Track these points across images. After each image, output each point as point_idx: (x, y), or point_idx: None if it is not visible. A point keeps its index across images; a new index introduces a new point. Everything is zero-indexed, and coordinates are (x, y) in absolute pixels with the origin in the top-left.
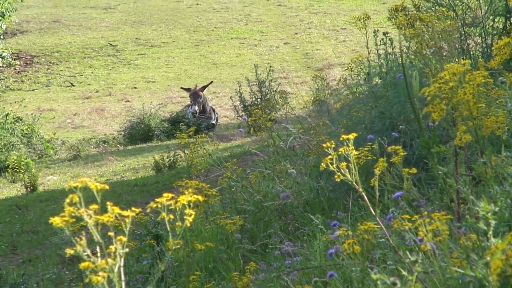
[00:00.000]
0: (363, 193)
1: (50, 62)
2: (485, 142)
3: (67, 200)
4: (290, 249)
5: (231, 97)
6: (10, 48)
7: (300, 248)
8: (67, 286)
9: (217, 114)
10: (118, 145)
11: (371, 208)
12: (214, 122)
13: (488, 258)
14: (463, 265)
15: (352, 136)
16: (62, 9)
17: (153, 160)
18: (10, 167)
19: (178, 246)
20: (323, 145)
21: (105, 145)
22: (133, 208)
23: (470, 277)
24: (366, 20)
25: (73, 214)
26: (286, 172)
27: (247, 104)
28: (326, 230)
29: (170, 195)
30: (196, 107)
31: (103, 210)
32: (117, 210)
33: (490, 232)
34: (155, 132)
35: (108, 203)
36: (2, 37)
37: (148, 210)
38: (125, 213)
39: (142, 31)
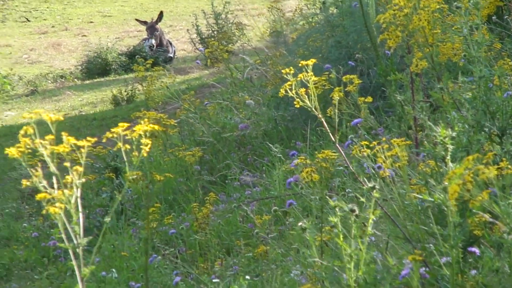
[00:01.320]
0: (323, 119)
1: None
2: (441, 68)
3: (21, 132)
4: (250, 180)
5: (187, 30)
6: None
7: (259, 179)
8: (27, 220)
9: (174, 47)
10: (75, 79)
11: (330, 134)
12: (171, 55)
13: (446, 183)
14: (422, 191)
15: (310, 62)
16: None
17: (111, 94)
18: None
19: (135, 177)
20: (282, 71)
21: (63, 80)
22: (88, 138)
23: (428, 202)
24: None
25: (28, 146)
26: (244, 103)
27: (204, 36)
28: (285, 160)
29: (126, 124)
30: (153, 41)
31: (60, 142)
32: (72, 140)
33: (448, 157)
34: (113, 66)
35: (63, 133)
36: None
37: (104, 141)
38: (80, 143)
39: None
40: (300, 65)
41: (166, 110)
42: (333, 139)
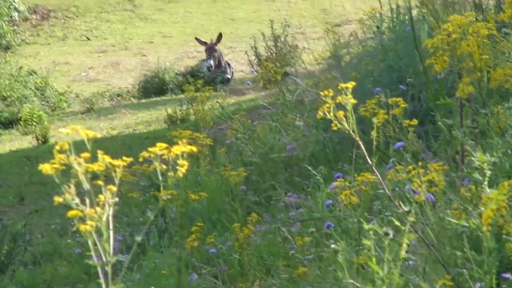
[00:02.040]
0: (360, 142)
1: (67, 17)
2: (490, 94)
3: (57, 147)
4: (294, 201)
5: (246, 52)
6: (27, 2)
7: (304, 200)
8: (71, 237)
9: (232, 68)
10: (132, 98)
11: (367, 157)
12: (229, 76)
13: (482, 209)
14: (461, 216)
15: (350, 85)
16: None
17: (166, 113)
18: (22, 119)
19: (169, 197)
20: (321, 93)
21: (119, 99)
22: (123, 158)
23: (463, 227)
24: None
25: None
26: (293, 124)
27: (262, 59)
28: (331, 182)
29: (164, 145)
30: (212, 62)
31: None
32: (107, 159)
33: (485, 183)
34: (170, 86)
35: (99, 151)
36: None
37: (140, 160)
38: (115, 162)
39: None
40: (339, 87)
41: (216, 130)
42: (369, 162)
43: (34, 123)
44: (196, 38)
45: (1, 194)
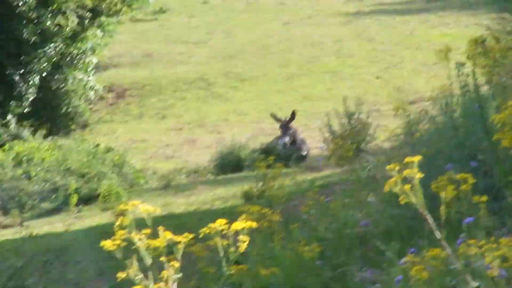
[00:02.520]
0: (428, 216)
1: (142, 95)
2: None
3: (117, 223)
4: (369, 276)
5: (320, 129)
6: (103, 81)
7: (379, 275)
8: None
9: (307, 145)
10: (208, 175)
11: (436, 231)
12: (304, 153)
13: None
14: None
15: (416, 158)
16: (154, 44)
17: (242, 190)
18: (101, 195)
19: (232, 272)
20: (387, 167)
21: (196, 175)
22: (185, 234)
23: None
24: (447, 52)
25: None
26: (366, 200)
27: (336, 136)
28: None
29: (224, 221)
30: (287, 139)
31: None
32: (169, 235)
33: None
34: (246, 163)
35: (159, 228)
36: (94, 71)
37: (201, 236)
38: (177, 238)
39: (233, 65)
40: (404, 161)
41: (290, 206)
42: (437, 236)
43: (113, 199)
44: (271, 114)
45: (81, 269)
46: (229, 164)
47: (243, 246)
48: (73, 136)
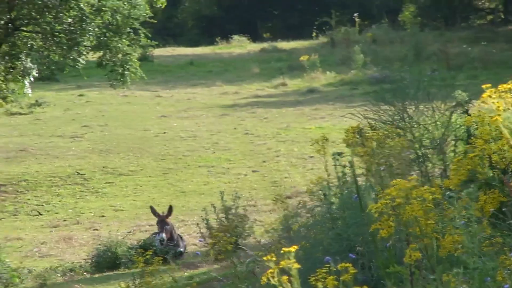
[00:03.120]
0: None
1: (17, 191)
2: (437, 260)
3: None
4: None
5: (197, 224)
6: None
7: None
8: None
9: (185, 242)
10: (85, 273)
11: None
12: (181, 249)
13: None
14: None
15: (292, 249)
16: (29, 138)
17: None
18: None
19: None
20: (264, 258)
21: (72, 274)
22: None
23: None
24: (323, 143)
25: None
26: None
27: (213, 231)
28: None
29: None
30: (164, 235)
31: None
32: None
33: None
34: (122, 260)
35: None
36: None
37: None
38: None
39: (109, 160)
40: (282, 251)
41: None
42: None
43: None
44: (151, 207)
45: None
46: (106, 262)
47: None
48: None
